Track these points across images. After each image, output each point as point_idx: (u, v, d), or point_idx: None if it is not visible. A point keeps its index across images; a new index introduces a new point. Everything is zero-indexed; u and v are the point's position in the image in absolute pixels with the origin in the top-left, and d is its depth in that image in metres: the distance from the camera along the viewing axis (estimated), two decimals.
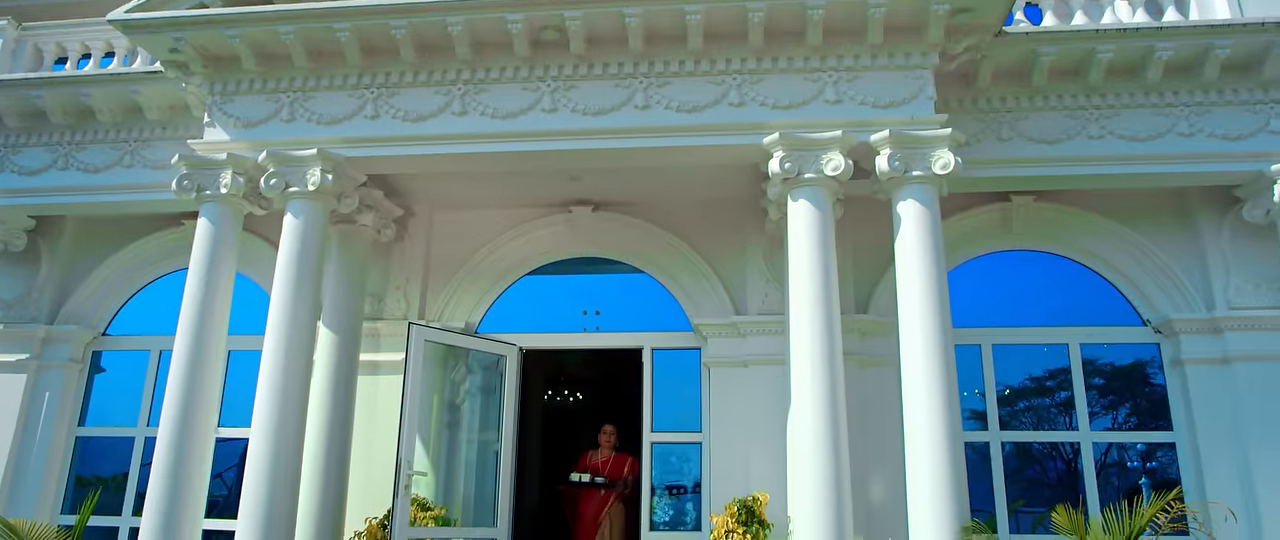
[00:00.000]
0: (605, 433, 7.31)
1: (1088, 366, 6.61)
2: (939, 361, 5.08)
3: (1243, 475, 6.00)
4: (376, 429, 6.57)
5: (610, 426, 7.34)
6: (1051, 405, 6.70)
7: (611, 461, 7.12)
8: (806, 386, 5.14)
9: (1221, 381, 6.24)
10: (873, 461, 6.06)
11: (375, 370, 6.72)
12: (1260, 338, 6.20)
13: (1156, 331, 6.56)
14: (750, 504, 5.65)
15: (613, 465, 7.10)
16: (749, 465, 6.12)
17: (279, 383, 5.45)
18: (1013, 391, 6.71)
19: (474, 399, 7.18)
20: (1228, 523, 5.75)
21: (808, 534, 4.94)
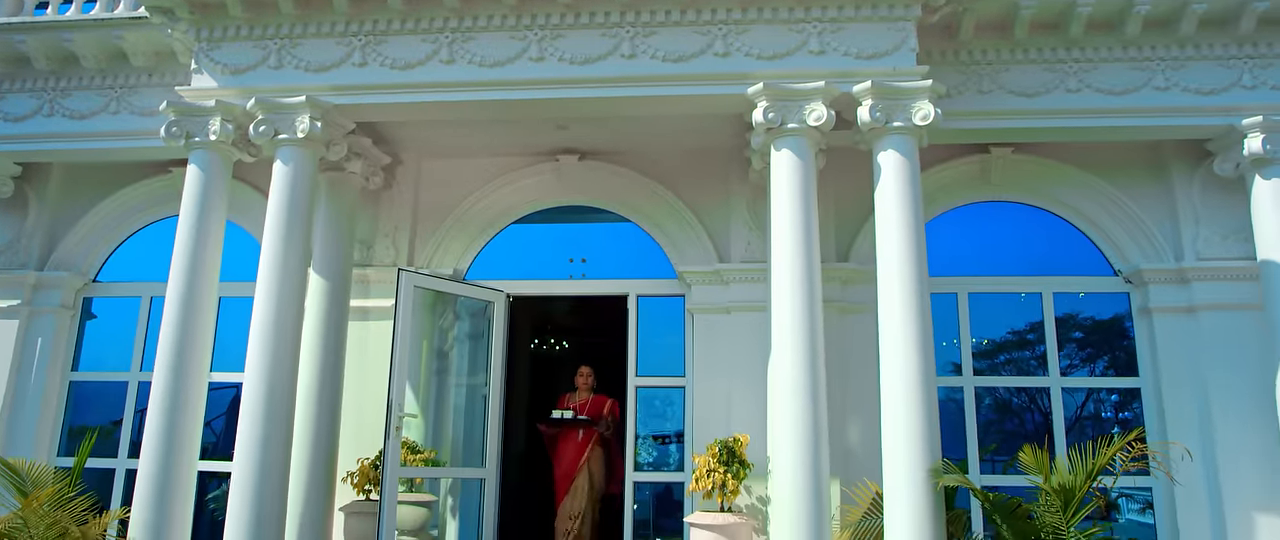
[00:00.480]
0: (582, 375, 7.31)
1: (1060, 315, 6.81)
2: (915, 308, 5.25)
3: (1202, 418, 6.26)
4: (367, 373, 6.71)
5: (587, 369, 7.33)
6: (1029, 358, 6.88)
7: (589, 402, 7.15)
8: (787, 332, 5.30)
9: (1186, 329, 6.46)
10: (851, 406, 6.27)
11: (365, 316, 6.84)
12: (1225, 287, 6.41)
13: (1127, 281, 6.76)
14: (731, 445, 5.85)
15: (591, 406, 7.13)
16: (731, 408, 6.31)
17: (272, 327, 5.56)
18: (992, 344, 6.90)
19: (462, 345, 7.33)
20: (1185, 461, 6.04)
21: (786, 474, 5.14)
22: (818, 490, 5.08)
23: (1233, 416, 6.20)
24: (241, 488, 5.37)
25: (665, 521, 7.15)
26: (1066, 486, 5.02)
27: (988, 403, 6.84)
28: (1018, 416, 6.90)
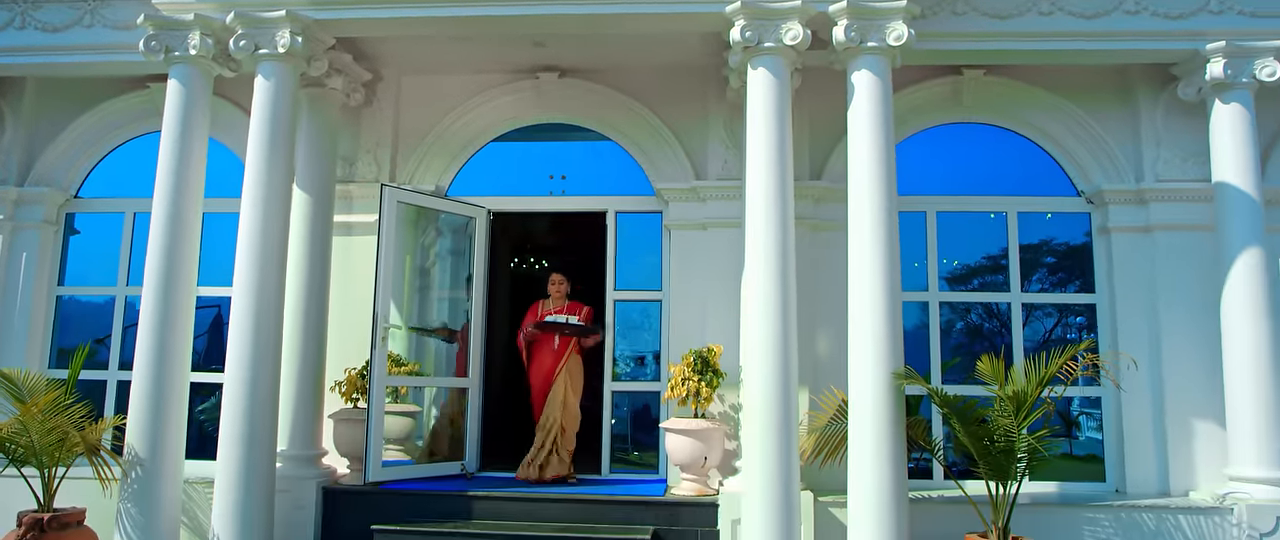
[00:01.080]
0: (555, 282, 6.94)
1: (1029, 239, 7.06)
2: (883, 225, 5.45)
3: (1151, 333, 6.58)
4: (351, 288, 6.88)
5: (559, 276, 6.97)
6: (1001, 281, 7.10)
7: (565, 310, 6.83)
8: (760, 248, 5.50)
9: (1142, 248, 6.74)
10: (820, 318, 6.53)
11: (348, 231, 6.97)
12: (1180, 208, 6.66)
13: (1089, 202, 7.00)
14: (705, 355, 6.11)
15: (567, 314, 6.83)
16: (705, 321, 6.56)
17: (259, 240, 5.68)
18: (965, 269, 7.12)
19: (444, 261, 7.49)
20: (1131, 371, 6.41)
21: (757, 382, 5.40)
22: (786, 397, 5.35)
23: (1179, 332, 6.53)
24: (234, 396, 5.57)
25: (642, 436, 7.48)
26: (1019, 393, 5.34)
27: (960, 327, 7.10)
28: (989, 340, 7.16)
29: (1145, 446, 6.52)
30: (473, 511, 6.04)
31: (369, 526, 5.86)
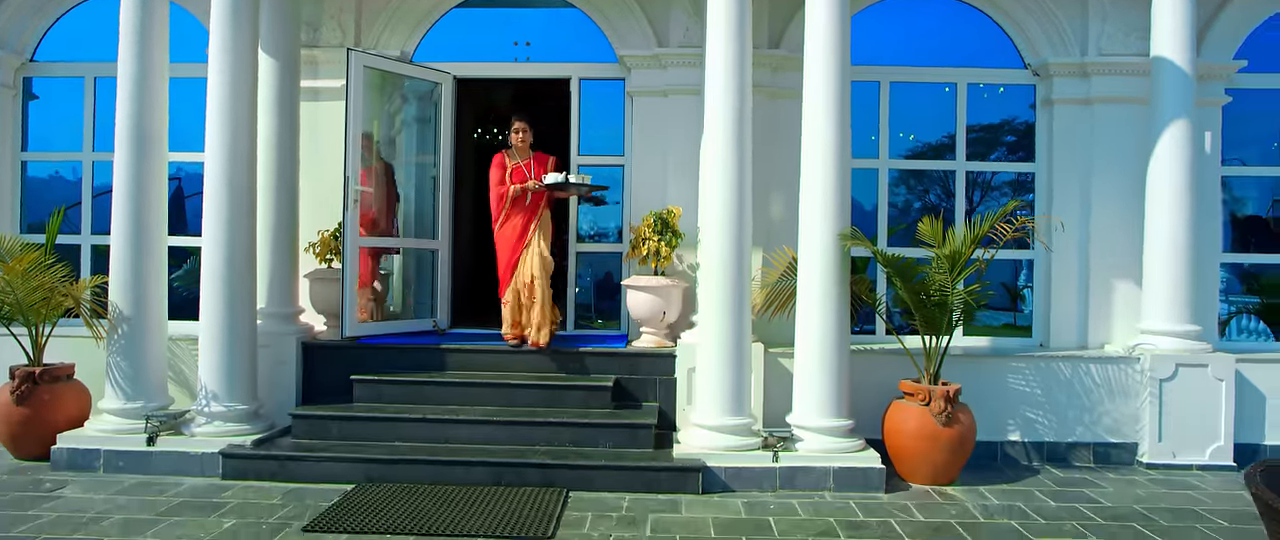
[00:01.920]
0: (518, 130, 6.54)
1: (972, 106, 7.36)
2: (836, 93, 5.69)
3: (1083, 199, 7.01)
4: (320, 153, 7.02)
5: (523, 124, 6.57)
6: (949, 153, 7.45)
7: (533, 162, 6.54)
8: (719, 114, 5.72)
9: (1082, 120, 7.08)
10: (775, 183, 6.84)
11: (315, 97, 7.05)
12: (1119, 82, 6.97)
13: (1035, 74, 7.28)
14: (665, 216, 6.42)
15: (535, 166, 6.53)
16: (665, 184, 6.84)
17: (228, 106, 5.75)
18: (917, 142, 7.43)
19: (410, 128, 7.61)
20: (1061, 235, 6.88)
21: (713, 242, 5.74)
22: (740, 256, 5.70)
23: (1109, 199, 6.96)
24: (213, 257, 5.77)
25: (605, 304, 7.86)
26: (955, 252, 5.76)
27: (918, 207, 7.45)
28: (935, 212, 7.52)
29: (1069, 305, 7.06)
30: (445, 363, 6.43)
31: (348, 377, 6.24)
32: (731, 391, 5.62)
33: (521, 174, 6.50)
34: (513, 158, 6.58)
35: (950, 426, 5.66)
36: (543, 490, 5.28)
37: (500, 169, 6.52)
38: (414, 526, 4.59)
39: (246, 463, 5.52)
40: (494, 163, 6.56)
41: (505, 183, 6.45)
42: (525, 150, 6.61)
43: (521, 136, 6.57)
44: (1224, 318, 7.44)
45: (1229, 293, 8.09)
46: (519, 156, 6.59)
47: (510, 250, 6.47)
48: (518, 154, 6.60)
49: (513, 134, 6.59)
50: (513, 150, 6.61)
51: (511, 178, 6.47)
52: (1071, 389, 6.57)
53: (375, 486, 5.30)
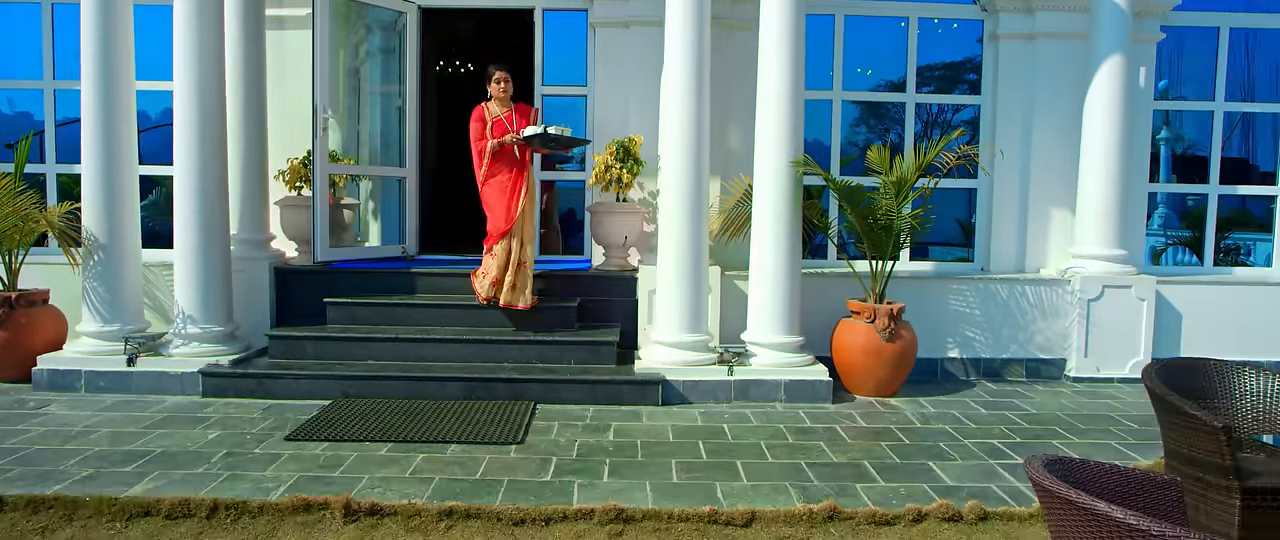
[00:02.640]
0: (498, 80, 6.31)
1: (922, 41, 7.64)
2: (791, 24, 5.91)
3: (1024, 130, 7.37)
4: (285, 82, 7.10)
5: (503, 73, 6.33)
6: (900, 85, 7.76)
7: (514, 114, 6.33)
8: (678, 46, 5.92)
9: (1025, 54, 7.39)
10: (733, 113, 7.09)
11: (280, 25, 7.10)
12: (1061, 17, 7.26)
13: (983, 9, 7.56)
14: (627, 144, 6.65)
15: (517, 116, 6.33)
16: (627, 114, 7.05)
17: (195, 30, 5.80)
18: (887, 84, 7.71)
19: (374, 59, 7.71)
20: (1003, 165, 7.27)
21: (673, 169, 5.99)
22: (699, 182, 5.97)
23: (1048, 130, 7.32)
24: (185, 183, 5.88)
25: (570, 241, 8.12)
26: (901, 178, 6.10)
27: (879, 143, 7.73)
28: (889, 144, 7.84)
29: (1009, 231, 7.47)
30: (415, 286, 6.67)
31: (320, 300, 6.46)
32: (689, 311, 5.95)
33: (502, 127, 6.23)
34: (492, 110, 6.30)
35: (893, 342, 6.06)
36: (512, 403, 5.60)
37: (480, 123, 6.25)
38: (391, 435, 4.90)
39: (225, 381, 5.75)
40: (473, 116, 6.30)
41: (485, 137, 6.19)
42: (505, 101, 6.35)
43: (502, 87, 6.30)
44: (1161, 248, 7.95)
45: (1167, 227, 8.60)
46: (499, 108, 6.31)
47: (502, 206, 6.22)
48: (498, 105, 6.32)
49: (492, 84, 6.31)
50: (492, 101, 6.35)
51: (492, 131, 6.20)
52: (1008, 309, 7.02)
53: (352, 401, 5.58)
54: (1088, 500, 2.06)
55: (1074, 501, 2.09)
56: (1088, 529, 2.10)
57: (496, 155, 6.23)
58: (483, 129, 6.26)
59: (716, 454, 4.77)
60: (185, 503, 3.86)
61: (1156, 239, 8.33)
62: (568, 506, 3.88)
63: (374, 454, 4.64)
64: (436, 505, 3.85)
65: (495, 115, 6.30)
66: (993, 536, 3.73)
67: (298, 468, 4.40)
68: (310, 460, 4.53)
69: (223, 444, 4.78)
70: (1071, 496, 2.09)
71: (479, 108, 6.37)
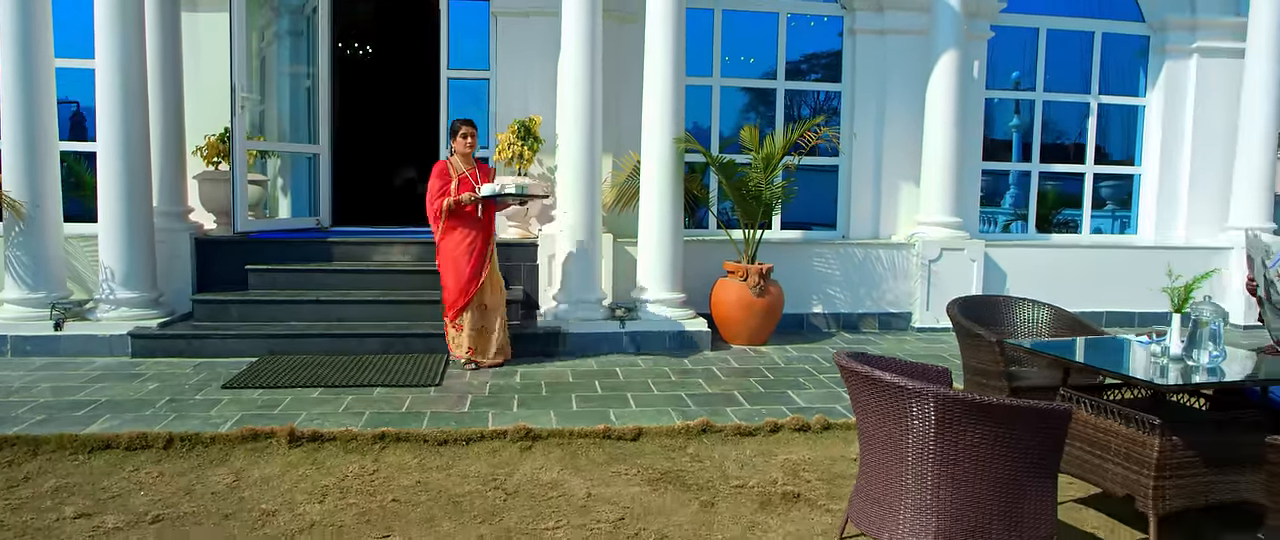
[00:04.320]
0: (465, 135, 5.95)
1: (792, 35, 8.60)
2: (673, 17, 6.69)
3: (878, 114, 8.43)
4: (200, 62, 7.45)
5: (470, 127, 6.00)
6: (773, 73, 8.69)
7: (477, 171, 6.00)
8: (574, 35, 6.61)
9: (878, 48, 8.45)
10: (623, 97, 7.83)
11: (194, 7, 7.43)
12: (906, 16, 8.33)
13: (843, 7, 8.56)
14: (527, 124, 7.33)
15: (482, 176, 5.99)
16: (527, 96, 7.71)
17: (118, 13, 6.16)
18: (768, 73, 8.61)
19: (282, 41, 8.12)
20: (860, 145, 8.30)
21: (569, 147, 6.70)
22: (593, 159, 6.69)
23: (898, 115, 8.40)
24: (110, 155, 6.23)
25: None
26: (769, 154, 7.00)
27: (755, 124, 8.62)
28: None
29: (866, 202, 8.53)
30: (332, 254, 7.19)
31: (241, 269, 6.90)
32: (586, 272, 6.70)
33: (468, 184, 5.89)
34: (457, 166, 5.94)
35: (763, 297, 6.98)
36: (427, 355, 6.24)
37: (442, 178, 5.87)
38: (321, 382, 5.48)
39: (155, 342, 6.17)
40: (435, 171, 5.91)
41: (446, 193, 5.83)
42: (469, 157, 6.01)
43: (469, 141, 5.97)
44: (1009, 219, 9.19)
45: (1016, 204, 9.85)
46: (463, 165, 5.96)
47: (463, 266, 5.89)
48: (462, 161, 5.98)
49: (458, 139, 5.97)
50: (455, 156, 6.00)
51: (458, 188, 5.85)
52: (863, 270, 8.07)
53: (278, 358, 6.10)
54: (867, 369, 2.93)
55: (859, 371, 2.96)
56: (870, 390, 2.97)
57: (454, 213, 5.85)
58: (444, 185, 5.86)
59: (610, 390, 5.56)
60: (142, 436, 4.38)
61: (1007, 214, 9.56)
62: (484, 428, 4.59)
63: (307, 396, 5.22)
64: (370, 431, 4.50)
65: (460, 172, 5.92)
66: (833, 440, 4.64)
67: (239, 409, 4.95)
68: (249, 403, 5.07)
69: (163, 393, 5.26)
70: (857, 368, 2.96)
71: (442, 163, 6.00)
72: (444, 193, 5.85)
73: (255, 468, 4.11)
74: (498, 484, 3.95)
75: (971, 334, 4.50)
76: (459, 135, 5.98)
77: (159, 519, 3.51)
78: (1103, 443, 3.42)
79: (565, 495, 3.83)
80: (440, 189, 5.86)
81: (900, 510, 2.96)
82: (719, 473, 4.14)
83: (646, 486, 3.95)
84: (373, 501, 3.72)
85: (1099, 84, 9.18)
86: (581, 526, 3.49)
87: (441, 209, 5.83)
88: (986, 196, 9.23)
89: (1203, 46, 8.94)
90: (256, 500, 3.72)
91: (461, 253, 5.89)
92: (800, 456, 4.38)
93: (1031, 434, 2.90)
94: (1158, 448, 3.18)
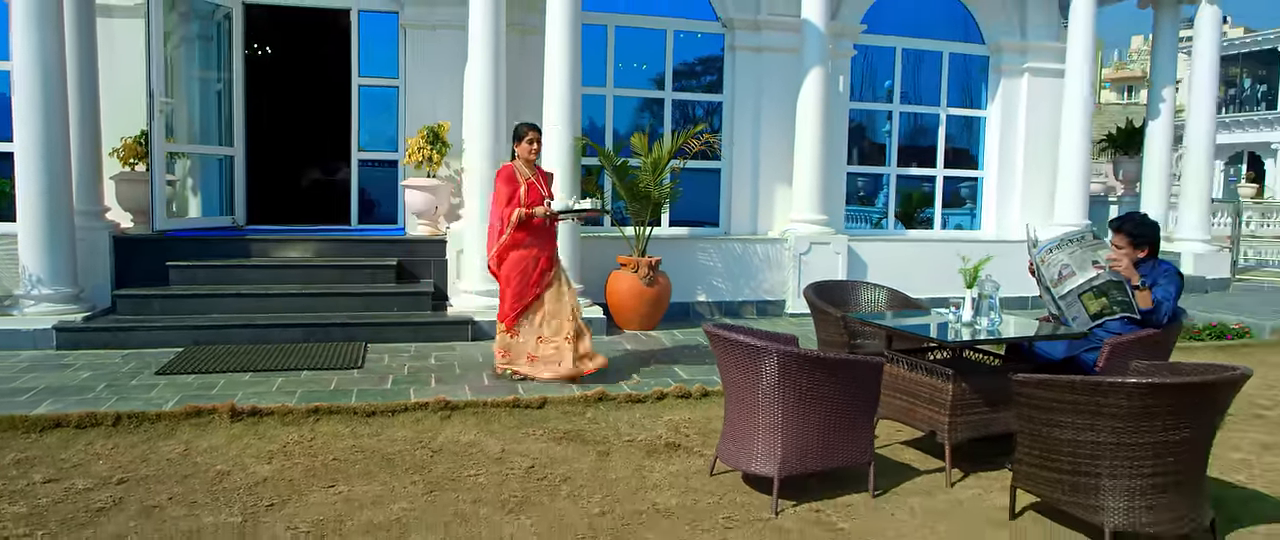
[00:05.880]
0: (531, 140, 5.73)
1: (679, 48, 9.46)
2: (569, 32, 7.38)
3: (755, 123, 9.39)
4: (115, 66, 7.71)
5: (537, 132, 5.82)
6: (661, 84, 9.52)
7: (540, 177, 5.80)
8: (480, 47, 7.23)
9: (755, 63, 9.40)
10: (525, 105, 8.45)
11: (109, 13, 7.70)
12: (781, 35, 9.31)
13: (724, 26, 9.48)
14: (436, 129, 7.92)
15: (544, 181, 5.83)
16: (436, 103, 8.30)
17: (35, 15, 6.43)
18: (639, 76, 9.41)
19: (192, 46, 8.42)
20: (740, 148, 9.24)
21: (476, 151, 7.30)
22: (498, 161, 7.29)
23: (774, 124, 9.36)
24: (29, 156, 6.48)
25: (385, 202, 9.18)
26: (657, 158, 7.82)
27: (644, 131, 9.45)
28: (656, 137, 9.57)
29: (745, 201, 9.47)
30: (251, 251, 7.61)
31: (160, 266, 7.23)
32: None
33: (536, 192, 5.68)
34: (522, 172, 5.70)
35: (652, 287, 7.79)
36: (347, 343, 6.77)
37: (510, 184, 5.61)
38: (250, 367, 5.97)
39: (80, 335, 6.48)
40: (502, 176, 5.65)
41: (515, 201, 5.58)
42: (531, 164, 5.77)
43: (535, 147, 5.75)
44: (880, 217, 10.31)
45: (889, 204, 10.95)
46: (527, 171, 5.72)
47: (527, 280, 5.72)
48: (526, 167, 5.74)
49: (524, 144, 5.71)
50: (519, 161, 5.76)
51: (527, 197, 5.60)
52: (743, 262, 8.98)
53: (204, 348, 6.52)
54: (728, 333, 3.75)
55: (722, 336, 3.78)
56: (731, 350, 3.80)
57: (524, 224, 5.63)
58: (513, 191, 5.60)
59: None
60: (92, 415, 4.82)
61: (878, 212, 10.67)
62: (408, 401, 5.23)
63: (239, 380, 5.71)
64: (304, 406, 5.06)
65: (527, 177, 5.68)
66: (710, 405, 5.47)
67: (177, 391, 5.41)
68: (185, 386, 5.54)
69: (100, 380, 5.65)
70: (720, 333, 3.78)
71: (508, 167, 5.73)
72: (513, 200, 5.58)
73: (202, 439, 4.62)
74: (423, 445, 4.60)
75: (823, 312, 5.42)
76: (525, 140, 5.71)
77: (124, 481, 4.02)
78: (915, 392, 4.35)
79: (483, 451, 4.52)
80: (510, 196, 5.59)
81: (755, 444, 3.80)
82: (613, 431, 4.90)
83: (552, 442, 4.68)
84: (315, 461, 4.32)
85: (948, 97, 10.42)
86: (499, 473, 4.19)
87: (510, 217, 5.58)
88: (867, 196, 10.38)
89: (1032, 67, 10.29)
90: (210, 464, 4.26)
91: (527, 263, 5.69)
92: (682, 417, 5.19)
93: (852, 381, 3.79)
94: (951, 392, 4.12)
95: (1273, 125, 31.24)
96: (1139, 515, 3.23)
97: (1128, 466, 3.20)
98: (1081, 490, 3.32)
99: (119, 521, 3.54)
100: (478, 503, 3.81)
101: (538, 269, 5.74)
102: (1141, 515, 3.23)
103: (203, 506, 3.72)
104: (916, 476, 4.26)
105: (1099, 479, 3.26)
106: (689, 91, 9.68)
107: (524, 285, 5.71)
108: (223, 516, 3.62)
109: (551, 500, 3.86)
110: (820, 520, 3.68)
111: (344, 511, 3.69)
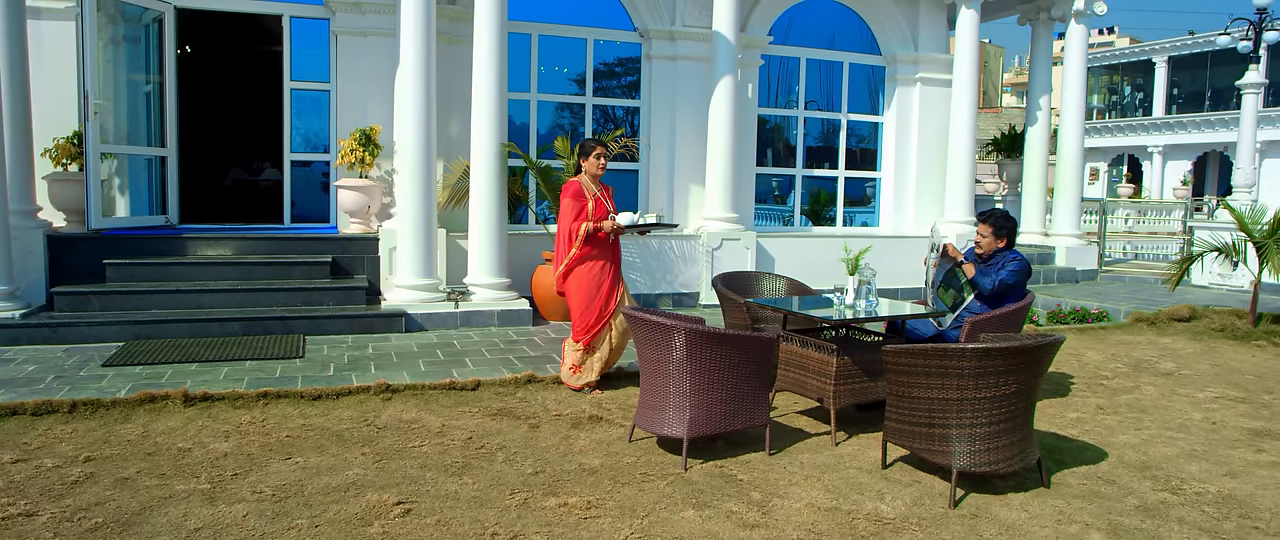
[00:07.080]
0: (599, 156, 5.72)
1: (599, 56, 10.02)
2: (495, 40, 7.86)
3: (671, 127, 10.04)
4: (45, 68, 7.85)
5: (604, 149, 5.80)
6: (581, 91, 10.07)
7: (603, 193, 5.79)
8: (410, 53, 7.65)
9: (670, 71, 10.04)
10: (454, 108, 8.95)
11: (37, 15, 7.82)
12: (694, 45, 9.97)
13: (641, 36, 10.08)
14: (368, 132, 8.30)
15: (608, 196, 5.83)
16: (367, 107, 8.66)
17: None
18: (562, 81, 9.93)
19: (121, 48, 8.57)
20: (658, 151, 9.85)
21: (407, 153, 7.74)
22: (428, 162, 7.77)
23: (689, 129, 10.02)
24: None
25: (319, 202, 9.46)
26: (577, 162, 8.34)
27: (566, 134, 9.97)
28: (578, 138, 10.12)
29: (662, 200, 10.10)
30: (186, 249, 7.85)
31: (96, 264, 7.42)
32: (423, 260, 7.79)
33: (603, 207, 5.68)
34: (589, 188, 5.70)
35: None
36: (286, 336, 7.12)
37: (578, 199, 5.63)
38: (194, 358, 6.28)
39: (19, 331, 6.67)
40: (568, 191, 5.66)
41: (582, 216, 5.60)
42: (597, 179, 5.76)
43: (602, 163, 5.73)
44: (791, 214, 11.05)
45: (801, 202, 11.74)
46: (594, 187, 5.71)
47: (593, 294, 5.72)
48: (593, 182, 5.73)
49: (591, 159, 5.69)
50: (585, 176, 5.74)
51: (594, 213, 5.61)
52: (660, 258, 9.61)
53: (145, 342, 6.78)
54: (644, 314, 4.34)
55: (638, 316, 4.37)
56: (646, 329, 4.38)
57: (590, 238, 5.64)
58: (581, 207, 5.61)
59: (450, 356, 6.73)
60: (47, 403, 5.10)
61: (789, 211, 11.43)
62: (351, 385, 5.66)
63: (185, 370, 6.04)
64: (253, 391, 5.44)
65: (594, 193, 5.68)
66: (630, 384, 6.05)
67: (126, 381, 5.71)
68: (134, 376, 5.84)
69: (47, 372, 5.90)
70: (636, 314, 4.37)
71: (574, 182, 5.72)
72: (580, 215, 5.60)
73: (159, 422, 4.98)
74: (369, 422, 5.05)
75: (729, 299, 6.07)
76: (592, 156, 5.69)
77: (90, 459, 4.36)
78: (806, 366, 5.02)
79: (424, 427, 5.00)
80: (578, 211, 5.61)
81: (667, 410, 4.40)
82: (542, 408, 5.44)
83: (487, 418, 5.19)
84: (270, 438, 4.73)
85: (850, 104, 11.27)
86: (440, 444, 4.69)
87: (577, 233, 5.60)
88: (782, 195, 11.14)
89: (924, 77, 11.22)
90: (170, 443, 4.63)
91: (593, 277, 5.68)
92: (604, 395, 5.75)
93: (749, 354, 4.42)
94: (835, 365, 4.80)
95: (1148, 130, 33.66)
96: (980, 456, 3.94)
97: (970, 417, 3.92)
98: (936, 439, 4.02)
99: (95, 491, 3.92)
100: (424, 468, 4.31)
101: (607, 280, 5.72)
102: (982, 456, 3.94)
103: (172, 477, 4.12)
104: (807, 438, 4.93)
105: (949, 429, 3.96)
106: (609, 96, 10.26)
107: (592, 298, 5.70)
108: (192, 484, 4.02)
109: (490, 464, 4.38)
110: (723, 473, 4.30)
111: (303, 477, 4.14)
